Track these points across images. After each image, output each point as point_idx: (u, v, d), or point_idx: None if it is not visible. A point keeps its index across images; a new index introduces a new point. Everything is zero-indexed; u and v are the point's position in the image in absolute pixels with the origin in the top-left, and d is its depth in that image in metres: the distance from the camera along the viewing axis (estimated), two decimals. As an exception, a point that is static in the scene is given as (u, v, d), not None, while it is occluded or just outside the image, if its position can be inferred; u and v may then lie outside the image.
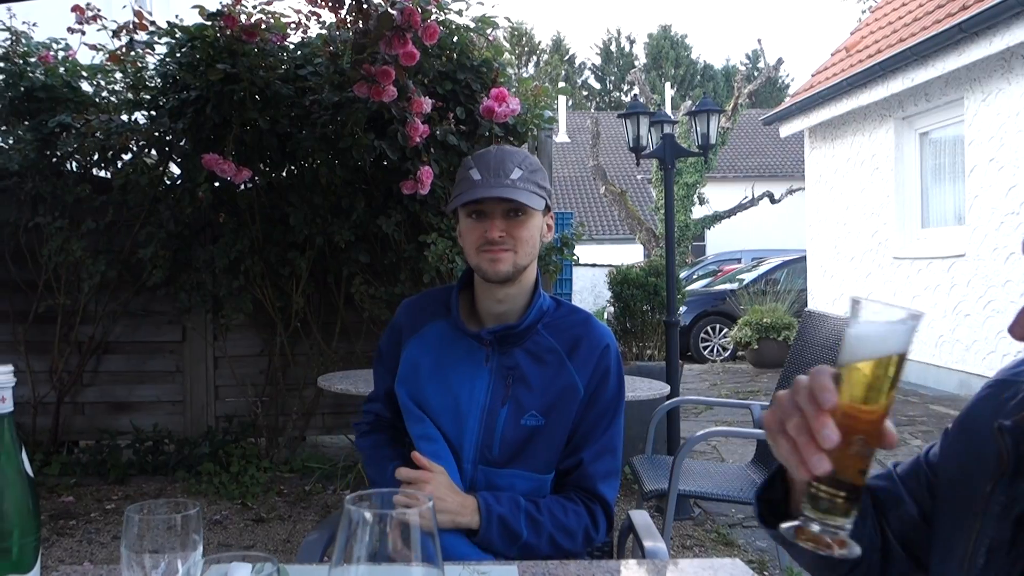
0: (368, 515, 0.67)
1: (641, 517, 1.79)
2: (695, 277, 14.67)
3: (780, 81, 39.20)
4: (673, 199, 4.33)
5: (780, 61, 16.28)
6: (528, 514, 1.46)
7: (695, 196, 14.87)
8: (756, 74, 23.19)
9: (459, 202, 1.49)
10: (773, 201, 15.74)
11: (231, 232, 4.47)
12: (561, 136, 26.22)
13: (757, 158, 25.30)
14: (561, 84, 28.51)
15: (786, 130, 10.87)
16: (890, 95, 8.16)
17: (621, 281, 5.65)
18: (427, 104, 3.98)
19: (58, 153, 4.63)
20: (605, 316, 14.54)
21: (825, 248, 10.10)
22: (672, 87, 29.11)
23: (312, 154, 4.34)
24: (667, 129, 4.49)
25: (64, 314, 4.75)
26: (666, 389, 3.36)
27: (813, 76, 10.33)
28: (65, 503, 4.21)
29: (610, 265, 17.93)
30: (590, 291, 16.94)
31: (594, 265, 16.88)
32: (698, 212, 15.26)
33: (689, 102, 17.51)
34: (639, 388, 3.25)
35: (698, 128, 4.46)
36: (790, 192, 16.14)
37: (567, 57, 43.48)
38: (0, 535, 0.73)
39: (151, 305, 4.86)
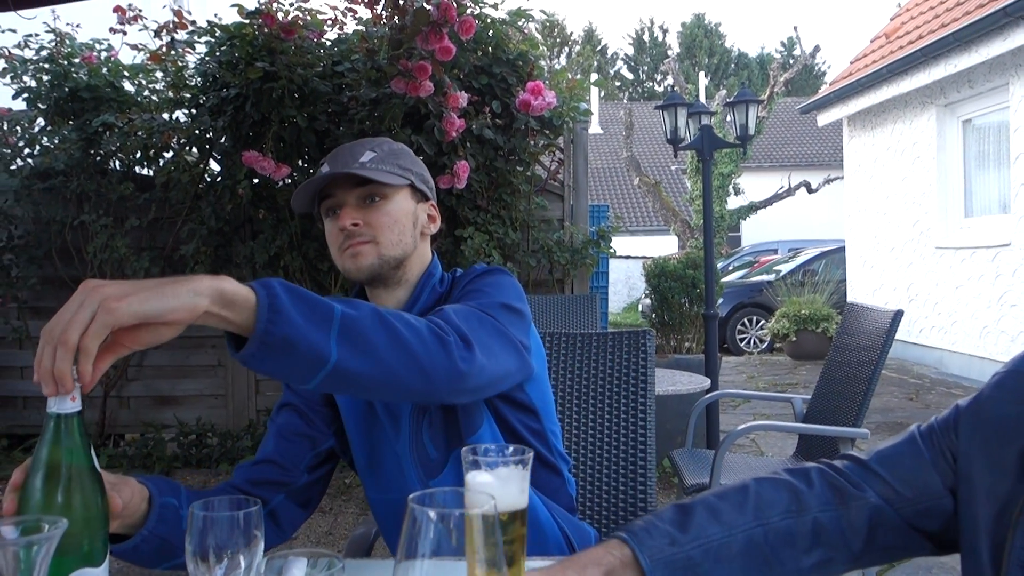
0: (432, 514, 0.68)
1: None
2: (731, 268, 14.54)
3: (816, 69, 38.62)
4: (711, 191, 4.30)
5: (817, 48, 16.03)
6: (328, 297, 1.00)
7: (730, 186, 14.74)
8: (792, 62, 22.87)
9: (302, 194, 1.31)
10: (810, 191, 15.54)
11: (270, 228, 4.53)
12: (594, 127, 26.11)
13: (793, 147, 24.96)
14: (594, 75, 28.38)
15: (824, 119, 10.71)
16: (932, 82, 7.99)
17: (658, 273, 5.61)
18: (463, 98, 3.99)
19: (102, 152, 4.73)
20: (640, 308, 14.50)
21: (865, 238, 9.94)
22: (706, 76, 28.85)
23: (350, 150, 4.37)
24: (705, 120, 4.45)
25: (109, 310, 4.85)
26: (706, 383, 3.34)
27: (852, 63, 10.16)
28: (113, 495, 4.30)
29: (644, 257, 17.91)
30: (624, 283, 16.90)
31: (628, 257, 16.84)
32: (733, 203, 15.12)
33: (723, 91, 17.34)
34: (679, 382, 3.23)
35: (736, 119, 4.41)
36: (827, 182, 15.91)
37: (599, 48, 43.23)
38: (73, 529, 0.75)
39: (193, 301, 4.93)
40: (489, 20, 4.30)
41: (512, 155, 4.57)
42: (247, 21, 4.18)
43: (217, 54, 4.35)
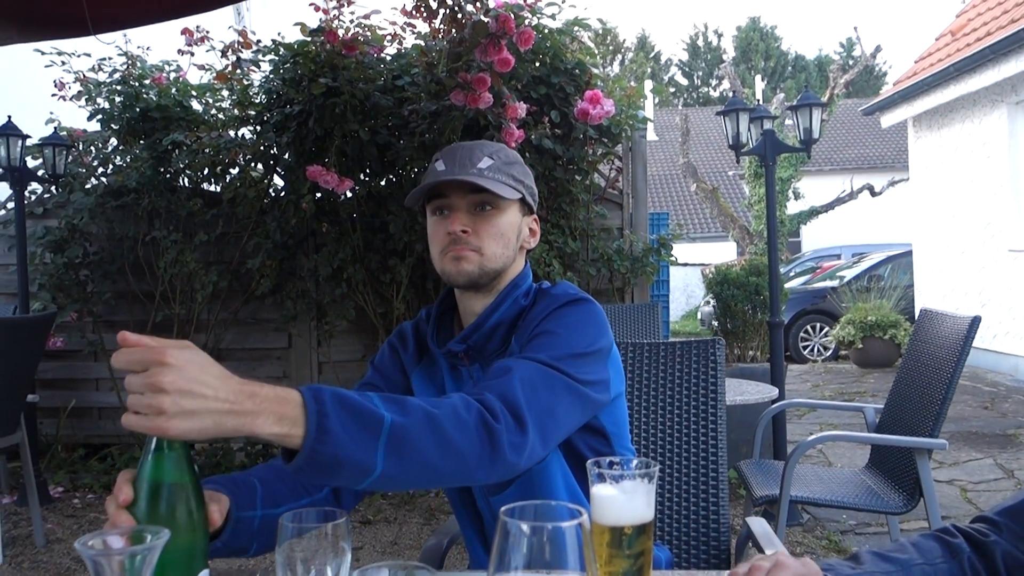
0: (525, 527, 0.68)
1: (759, 525, 1.75)
2: (792, 275, 14.27)
3: (877, 69, 37.73)
4: (775, 196, 4.22)
5: (878, 49, 15.64)
6: (380, 396, 1.01)
7: (790, 191, 14.46)
8: (851, 63, 22.39)
9: (417, 192, 1.34)
10: (873, 194, 15.16)
11: (333, 241, 4.61)
12: (649, 134, 25.89)
13: (855, 149, 24.39)
14: (648, 82, 28.20)
15: (888, 120, 10.45)
16: (1002, 79, 7.73)
17: (720, 281, 5.54)
18: (522, 109, 4.00)
19: (171, 170, 4.88)
20: (699, 316, 14.32)
21: (933, 241, 9.65)
22: (763, 80, 28.44)
23: (411, 162, 4.42)
24: (766, 124, 4.39)
25: (179, 323, 4.99)
26: (773, 392, 3.28)
27: (916, 62, 9.90)
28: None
29: (702, 264, 17.69)
30: (682, 291, 16.74)
31: (685, 264, 16.65)
32: (793, 207, 14.83)
33: (781, 95, 17.05)
34: (746, 391, 3.18)
35: (800, 122, 4.33)
36: (891, 184, 15.50)
37: (652, 54, 42.98)
38: (174, 541, 0.77)
39: (259, 313, 5.06)
40: (547, 31, 4.32)
41: (571, 164, 4.58)
42: (309, 39, 4.27)
43: (281, 72, 4.46)
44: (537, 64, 4.34)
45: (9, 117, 4.59)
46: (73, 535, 3.97)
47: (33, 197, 5.18)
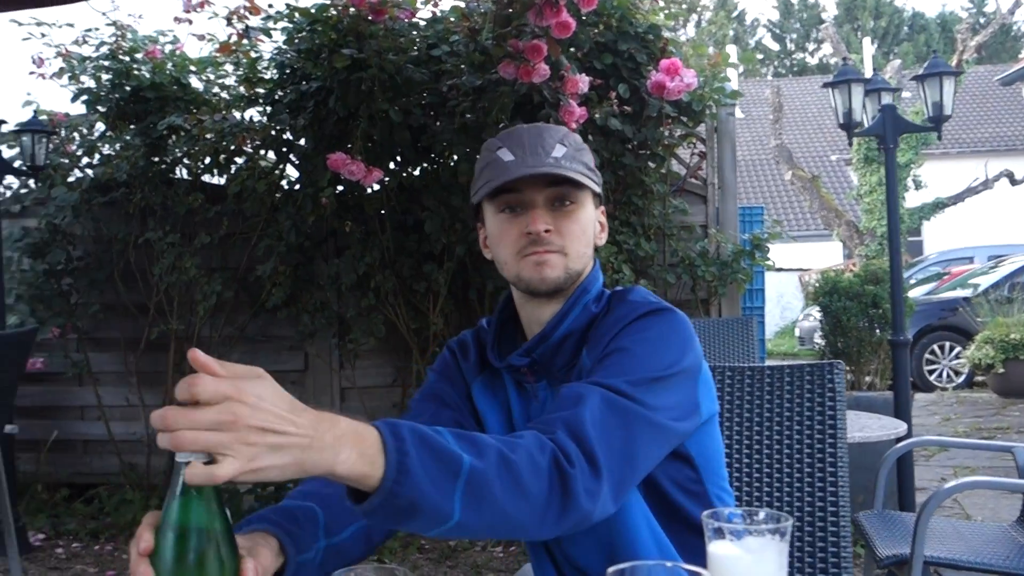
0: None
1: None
2: (912, 282, 14.01)
3: (1015, 29, 36.93)
4: (896, 186, 4.15)
5: (1017, 4, 15.33)
6: (452, 433, 1.04)
7: (909, 179, 14.23)
8: (983, 22, 21.97)
9: (488, 189, 1.34)
10: (1013, 182, 14.83)
11: (358, 243, 4.63)
12: (732, 111, 25.72)
13: (989, 127, 23.90)
14: (730, 48, 27.97)
15: (1033, 90, 10.21)
16: None
17: (829, 291, 5.46)
18: (583, 82, 3.99)
19: (167, 159, 4.96)
20: (797, 332, 14.12)
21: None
22: (872, 43, 28.04)
23: (450, 148, 4.44)
24: (885, 99, 4.31)
25: (177, 341, 5.07)
26: (900, 427, 3.20)
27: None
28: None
29: (800, 269, 17.48)
30: (776, 301, 16.54)
31: (779, 269, 16.45)
32: (913, 199, 14.58)
33: (896, 61, 16.80)
34: (867, 426, 3.11)
35: (927, 95, 4.24)
36: (1037, 170, 15.16)
37: (735, 14, 42.69)
38: None
39: (270, 329, 5.12)
40: (613, -13, 4.30)
41: (643, 148, 4.55)
42: (329, 1, 4.31)
43: (296, 41, 4.51)
44: (601, 27, 4.33)
45: (-19, 100, 4.73)
46: (55, 592, 4.05)
47: (8, 193, 5.31)
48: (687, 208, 4.81)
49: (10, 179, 5.19)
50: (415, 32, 4.50)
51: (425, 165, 4.70)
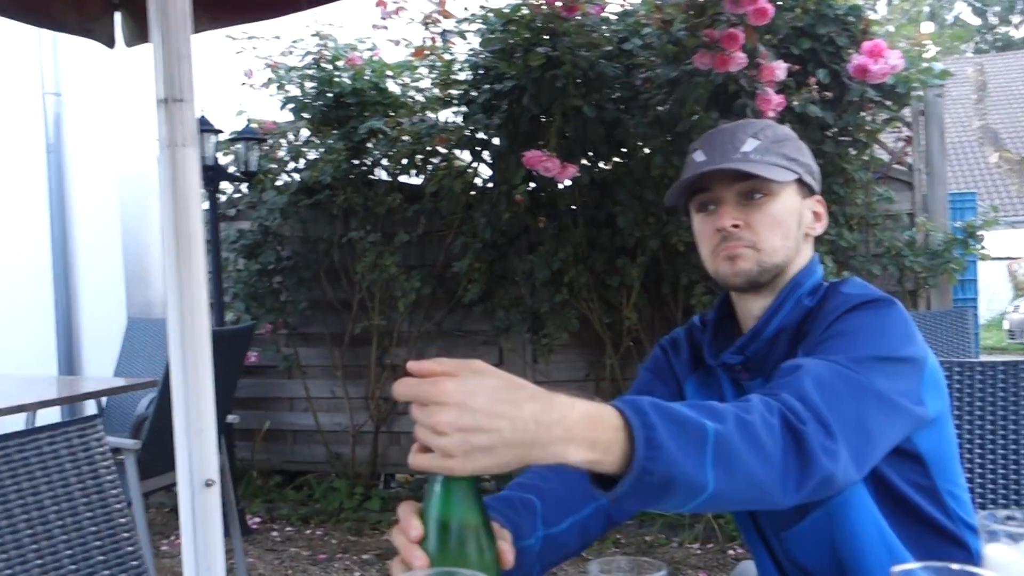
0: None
1: None
2: None
3: None
4: None
5: None
6: (685, 404, 1.02)
7: None
8: None
9: (677, 190, 1.40)
10: None
11: (551, 239, 4.70)
12: (928, 92, 24.39)
13: None
14: (925, 24, 26.51)
15: None
16: None
17: (1047, 280, 5.10)
18: (780, 69, 3.90)
19: (368, 161, 5.20)
20: (1006, 325, 13.24)
21: None
22: (1089, 11, 25.84)
23: (643, 141, 4.43)
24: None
25: (379, 336, 5.30)
26: None
27: None
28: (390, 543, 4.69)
29: (1008, 258, 16.35)
30: (981, 293, 15.54)
31: (983, 258, 15.48)
32: None
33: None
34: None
35: None
36: None
37: (931, -11, 40.37)
38: None
39: (466, 324, 5.28)
40: (810, -31, 4.18)
41: (843, 135, 4.42)
42: (522, 1, 4.39)
43: (490, 42, 4.61)
44: (798, 11, 4.22)
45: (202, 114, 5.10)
46: (275, 571, 4.33)
47: (224, 197, 5.70)
48: (892, 196, 4.63)
49: (224, 184, 5.56)
50: (606, 27, 4.52)
51: (617, 159, 4.72)
